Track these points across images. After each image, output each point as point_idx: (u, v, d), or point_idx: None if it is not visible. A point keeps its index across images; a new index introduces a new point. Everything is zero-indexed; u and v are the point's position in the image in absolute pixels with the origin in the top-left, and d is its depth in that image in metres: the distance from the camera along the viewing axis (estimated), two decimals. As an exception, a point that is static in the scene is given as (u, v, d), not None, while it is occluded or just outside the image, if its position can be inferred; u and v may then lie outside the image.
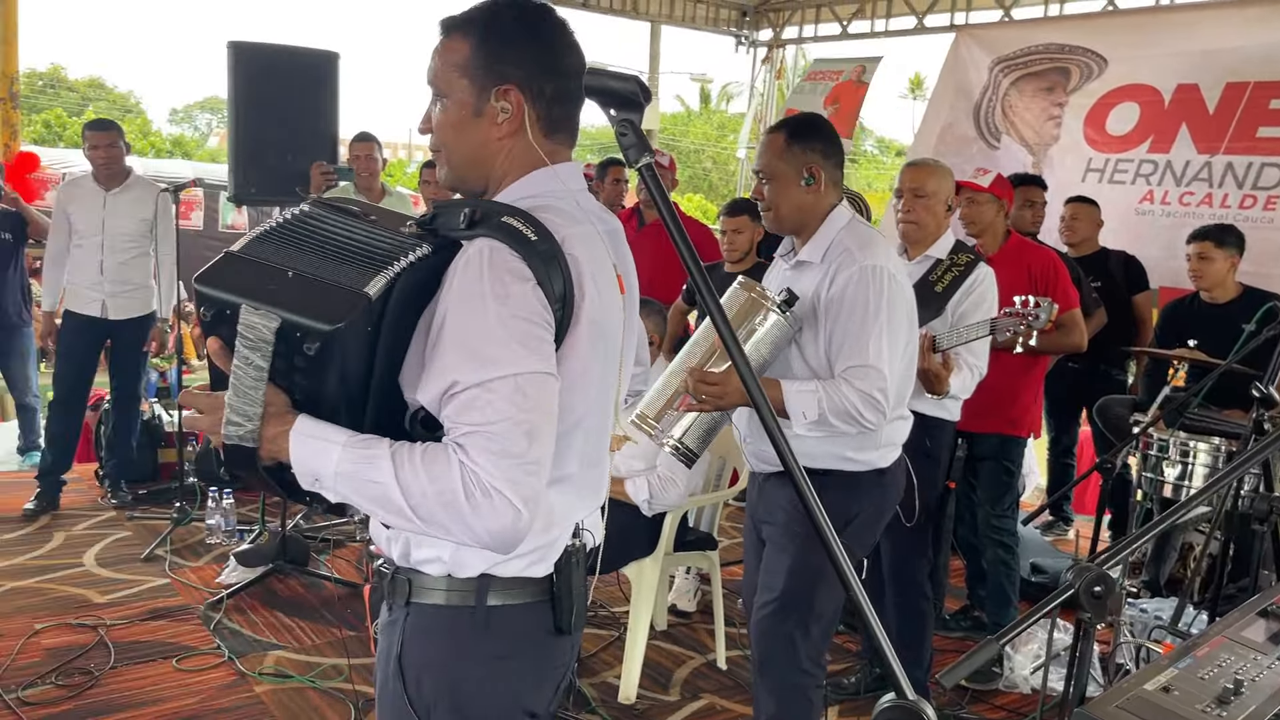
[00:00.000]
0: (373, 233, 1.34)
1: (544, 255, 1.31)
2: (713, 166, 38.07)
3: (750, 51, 10.07)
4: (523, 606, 1.44)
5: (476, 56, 1.42)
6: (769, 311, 2.36)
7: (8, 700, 3.17)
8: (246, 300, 1.26)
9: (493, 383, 1.25)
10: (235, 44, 5.03)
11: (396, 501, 1.25)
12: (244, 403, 1.27)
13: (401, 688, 1.44)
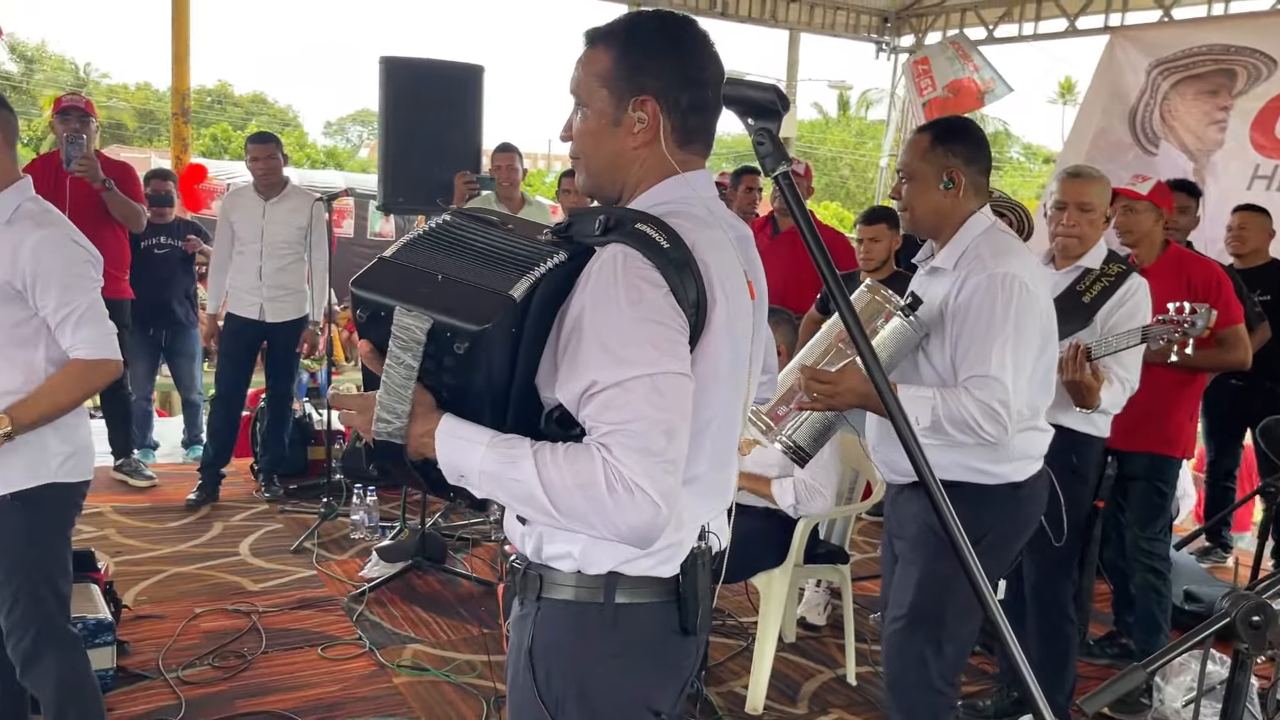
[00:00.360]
0: (513, 240, 1.39)
1: (676, 261, 1.34)
2: (850, 174, 37.52)
3: (891, 58, 9.90)
4: (649, 605, 1.47)
5: (616, 67, 1.45)
6: (891, 315, 2.32)
7: (169, 679, 3.38)
8: (400, 302, 1.32)
9: (629, 382, 1.28)
10: (387, 59, 5.24)
11: (539, 498, 1.29)
12: (394, 400, 1.33)
13: (531, 680, 1.48)
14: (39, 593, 2.38)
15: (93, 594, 3.40)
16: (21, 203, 2.35)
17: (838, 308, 1.26)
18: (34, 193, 2.41)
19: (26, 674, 2.42)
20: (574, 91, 1.51)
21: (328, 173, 19.94)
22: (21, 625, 2.37)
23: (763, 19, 9.25)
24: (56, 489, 2.38)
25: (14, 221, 2.31)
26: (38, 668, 2.40)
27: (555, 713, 1.48)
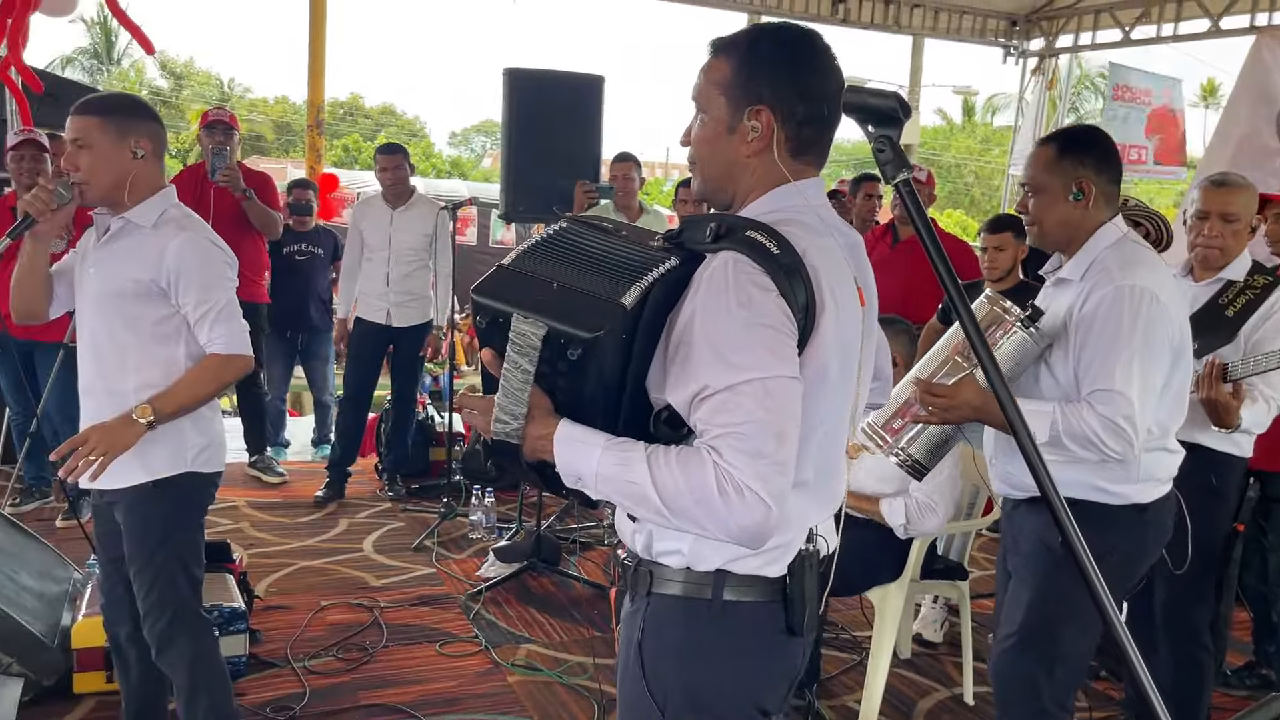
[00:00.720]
0: (625, 247, 1.43)
1: (786, 267, 1.37)
2: (975, 181, 36.57)
3: (1020, 62, 9.62)
4: (756, 604, 1.49)
5: (735, 77, 1.49)
6: (1011, 326, 2.26)
7: (296, 668, 3.52)
8: (517, 310, 1.37)
9: (740, 386, 1.31)
10: (510, 71, 5.35)
11: (652, 500, 1.33)
12: (511, 403, 1.39)
13: (640, 674, 1.52)
14: (175, 577, 2.51)
15: (228, 584, 3.57)
16: (166, 209, 2.48)
17: (959, 319, 1.24)
18: (177, 200, 2.54)
19: (161, 655, 2.55)
20: (695, 98, 1.55)
21: (452, 182, 20.49)
22: (158, 607, 2.50)
23: (885, 25, 9.11)
24: (193, 478, 2.52)
25: (159, 226, 2.45)
26: (172, 650, 2.53)
27: (663, 706, 1.51)
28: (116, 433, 2.35)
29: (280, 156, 29.33)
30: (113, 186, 2.41)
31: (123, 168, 2.41)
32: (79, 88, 5.81)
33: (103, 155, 2.39)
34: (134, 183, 2.43)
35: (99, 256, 2.48)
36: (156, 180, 2.50)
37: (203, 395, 2.47)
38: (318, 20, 8.96)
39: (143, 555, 2.50)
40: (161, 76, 36.16)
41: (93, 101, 2.46)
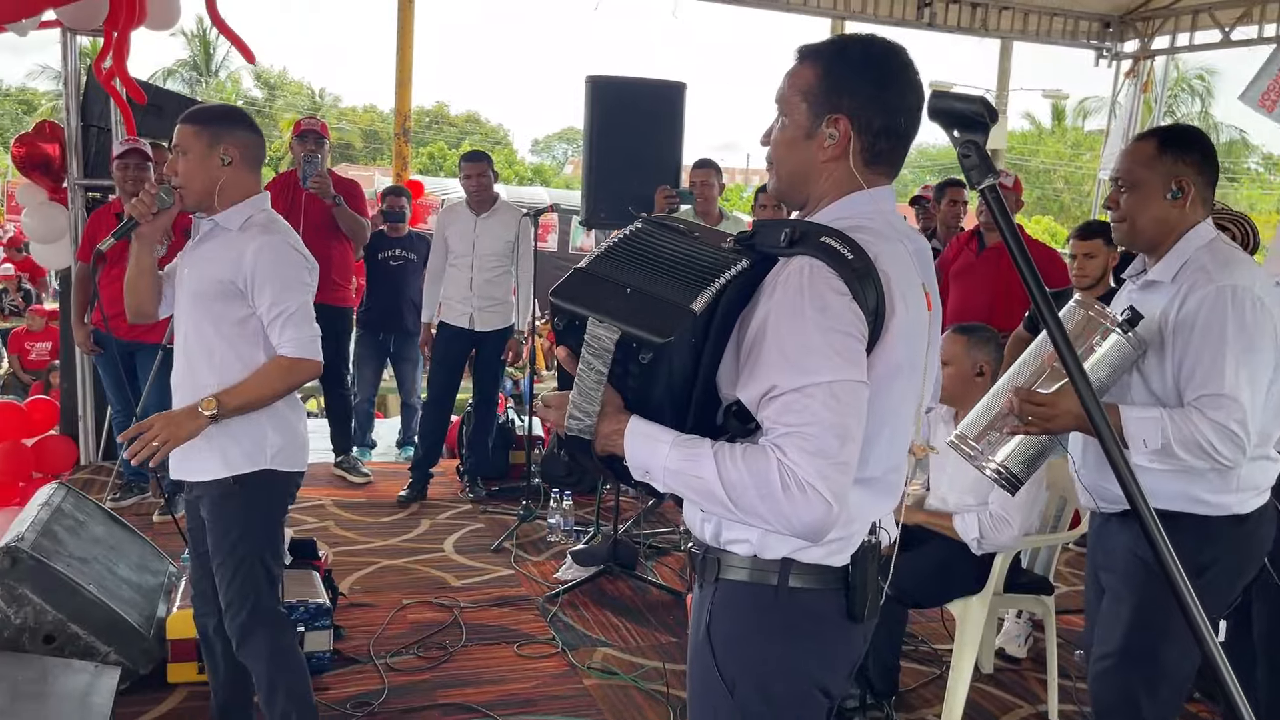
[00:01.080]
0: (697, 248, 1.49)
1: (859, 272, 1.42)
2: (1065, 187, 35.69)
3: (1113, 65, 9.37)
4: (820, 591, 1.56)
5: (818, 85, 1.54)
6: (1108, 331, 2.18)
7: (377, 664, 3.59)
8: (592, 314, 1.44)
9: (809, 388, 1.38)
10: (593, 78, 5.40)
11: (718, 494, 1.39)
12: (585, 400, 1.46)
13: (710, 657, 1.59)
14: (253, 571, 2.59)
15: (314, 580, 3.67)
16: (253, 214, 2.57)
17: (1046, 327, 1.21)
18: (268, 206, 2.62)
19: (241, 648, 2.63)
20: (777, 101, 1.61)
21: (534, 189, 20.70)
22: (237, 601, 2.59)
23: (972, 28, 8.96)
24: (271, 475, 2.59)
25: (245, 229, 2.54)
26: (250, 643, 2.61)
27: (732, 687, 1.58)
28: (179, 422, 2.46)
29: (368, 164, 30.02)
30: (204, 191, 2.52)
31: (212, 174, 2.51)
32: (180, 98, 6.04)
33: (196, 162, 2.51)
34: (223, 188, 2.53)
35: (191, 259, 2.59)
36: (248, 186, 2.58)
37: (268, 395, 2.53)
38: (405, 30, 9.15)
39: (223, 550, 2.59)
40: (256, 87, 37.30)
41: (193, 111, 2.58)
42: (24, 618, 3.14)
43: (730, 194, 27.31)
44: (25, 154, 5.60)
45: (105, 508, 4.01)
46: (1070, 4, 8.96)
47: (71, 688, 2.99)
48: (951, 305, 5.11)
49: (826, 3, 8.73)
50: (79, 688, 2.99)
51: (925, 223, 6.36)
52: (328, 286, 5.36)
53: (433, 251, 5.64)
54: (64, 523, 3.54)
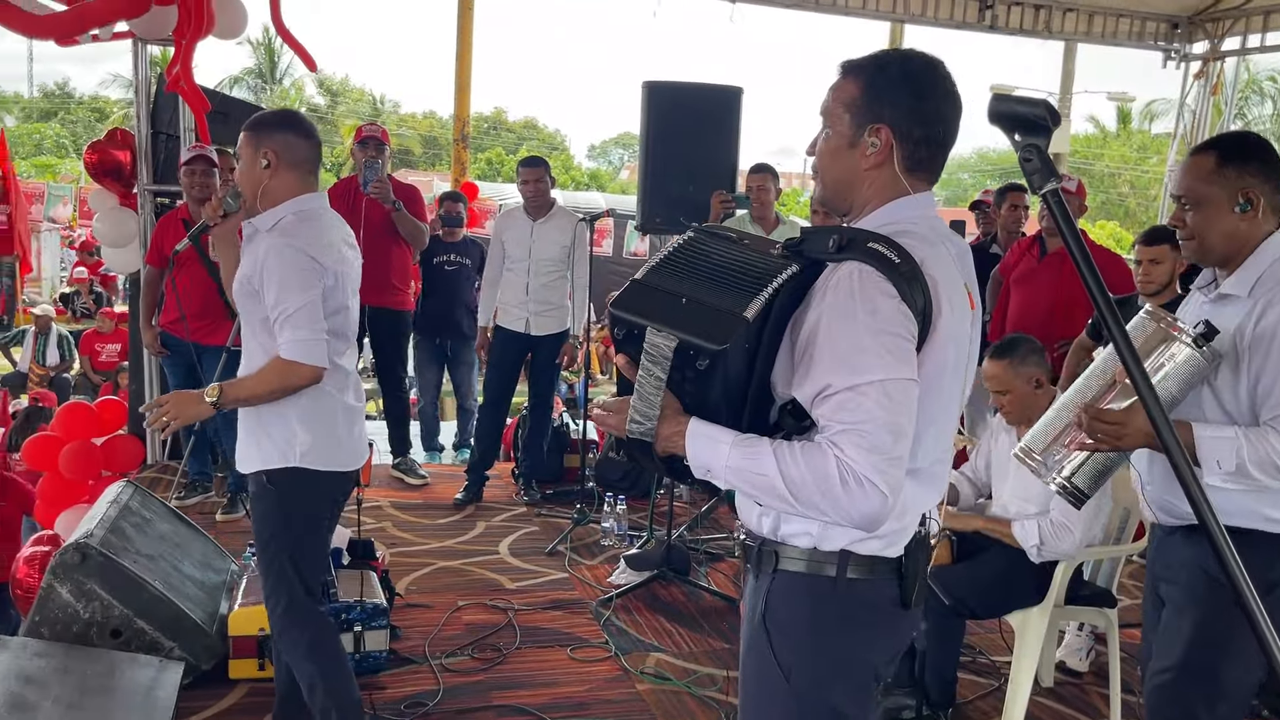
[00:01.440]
0: (748, 256, 1.57)
1: (906, 275, 1.49)
2: (1130, 191, 34.96)
3: (1181, 66, 9.17)
4: (874, 581, 1.64)
5: (860, 97, 1.63)
6: (1181, 344, 2.12)
7: (433, 665, 3.63)
8: (650, 324, 1.52)
9: (862, 387, 1.45)
10: (649, 84, 5.41)
11: (779, 489, 1.47)
12: (645, 405, 1.54)
13: (767, 645, 1.67)
14: (284, 568, 2.63)
15: (372, 581, 3.72)
16: (284, 215, 2.60)
17: (1112, 339, 1.19)
18: (307, 207, 2.62)
19: (279, 641, 2.70)
20: (822, 113, 1.69)
21: (590, 194, 20.81)
22: (274, 596, 2.65)
23: (1035, 30, 8.82)
24: (300, 473, 2.61)
25: (273, 230, 2.59)
26: (287, 637, 2.67)
27: (789, 674, 1.65)
28: (186, 403, 2.56)
29: (427, 169, 30.39)
30: (251, 195, 2.61)
31: (256, 177, 2.59)
32: (245, 105, 6.17)
33: (245, 167, 2.60)
34: (265, 191, 2.59)
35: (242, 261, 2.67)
36: (290, 188, 2.61)
37: (263, 393, 2.54)
38: (464, 37, 9.26)
39: (260, 544, 2.69)
40: (319, 94, 37.97)
41: (249, 119, 2.67)
42: (92, 612, 3.23)
43: (787, 199, 27.16)
44: (97, 161, 5.76)
45: (170, 506, 4.10)
46: (1137, 4, 8.78)
47: (137, 682, 3.06)
48: (1013, 311, 5.03)
49: (885, 6, 8.66)
50: (144, 682, 3.07)
51: (985, 227, 6.27)
52: (387, 290, 5.45)
53: (490, 256, 5.68)
54: (131, 520, 3.63)
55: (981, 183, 30.94)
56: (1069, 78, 10.45)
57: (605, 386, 12.45)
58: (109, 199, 5.81)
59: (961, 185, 36.44)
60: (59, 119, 36.31)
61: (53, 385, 10.27)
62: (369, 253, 5.41)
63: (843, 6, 8.66)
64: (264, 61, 34.43)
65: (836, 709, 1.67)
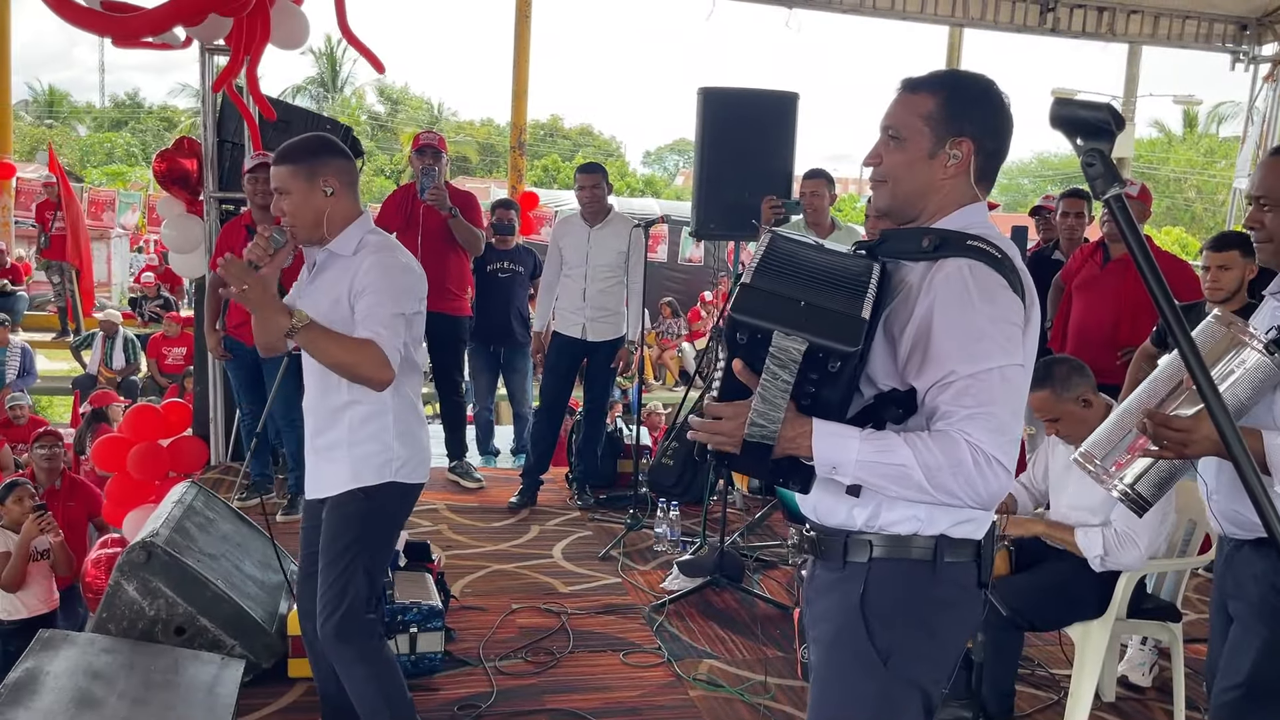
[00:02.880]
0: (835, 258, 1.66)
1: (1009, 268, 1.62)
2: (1196, 196, 34.17)
3: (1250, 69, 8.95)
4: (962, 563, 1.73)
5: (940, 111, 1.71)
6: (1250, 350, 2.07)
7: (487, 667, 3.66)
8: (779, 328, 1.54)
9: (983, 374, 1.57)
10: (705, 89, 5.40)
11: (915, 477, 1.57)
12: (769, 408, 1.57)
13: (863, 632, 1.72)
14: (356, 578, 2.64)
15: (427, 583, 3.76)
16: (363, 235, 2.64)
17: (1178, 345, 1.17)
18: (373, 226, 2.69)
19: (335, 651, 2.67)
20: (890, 124, 1.76)
21: (645, 200, 20.82)
22: (334, 603, 2.63)
23: (1098, 33, 8.67)
24: (395, 488, 2.66)
25: (358, 251, 2.62)
26: (338, 645, 2.66)
27: (886, 659, 1.71)
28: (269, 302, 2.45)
29: (484, 176, 30.68)
30: (313, 225, 2.59)
31: (317, 206, 2.58)
32: (306, 114, 6.28)
33: (300, 199, 2.57)
34: (330, 218, 2.60)
35: (310, 290, 2.67)
36: (351, 210, 2.64)
37: (335, 356, 2.49)
38: (521, 46, 9.34)
39: (334, 550, 2.65)
40: (379, 102, 38.56)
41: (284, 151, 2.62)
42: (157, 610, 3.31)
43: (843, 204, 26.98)
44: (166, 169, 5.92)
45: (233, 506, 4.19)
46: (1204, 6, 8.59)
47: (200, 679, 3.13)
48: (1075, 318, 4.94)
49: (945, 10, 8.57)
50: (206, 679, 3.13)
51: (1046, 234, 6.16)
52: (444, 296, 5.50)
53: (548, 262, 5.72)
54: (195, 520, 3.71)
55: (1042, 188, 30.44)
56: (1133, 81, 10.27)
57: (659, 392, 12.46)
58: (176, 206, 5.96)
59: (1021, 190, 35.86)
60: (129, 128, 37.29)
61: (120, 388, 10.55)
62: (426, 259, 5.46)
63: (901, 10, 8.59)
64: (326, 70, 35.05)
65: (925, 690, 1.75)
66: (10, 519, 4.62)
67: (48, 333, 12.91)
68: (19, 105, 30.29)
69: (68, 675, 2.92)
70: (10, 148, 11.83)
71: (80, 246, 12.48)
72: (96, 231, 15.84)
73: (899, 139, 1.74)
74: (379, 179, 30.34)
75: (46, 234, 12.58)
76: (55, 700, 2.79)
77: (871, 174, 1.80)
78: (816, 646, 1.83)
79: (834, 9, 8.53)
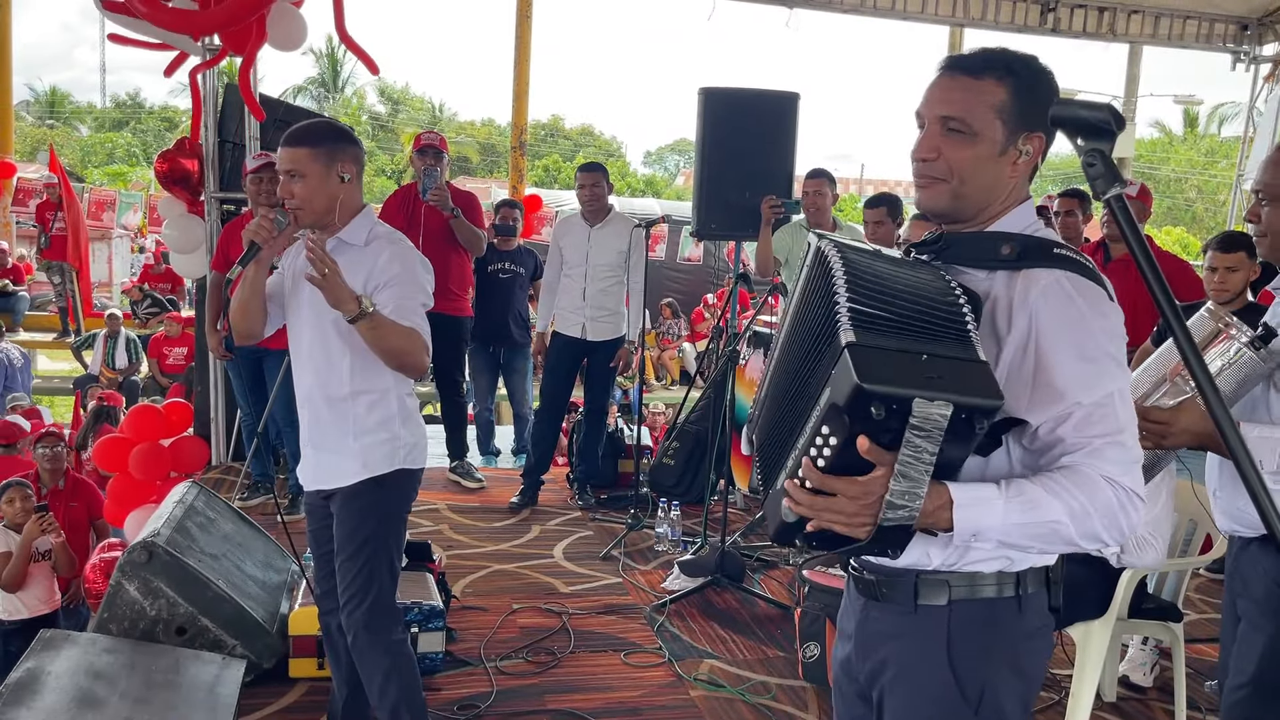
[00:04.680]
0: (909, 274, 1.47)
1: (1099, 276, 1.47)
2: (1197, 196, 34.16)
3: (1251, 69, 8.95)
4: (1040, 592, 1.60)
5: (1014, 102, 1.51)
6: (1234, 343, 2.08)
7: (487, 667, 3.66)
8: (920, 393, 1.30)
9: (1107, 399, 1.43)
10: (706, 90, 5.41)
11: (1065, 532, 1.41)
12: (912, 486, 1.34)
13: (951, 677, 1.56)
14: (379, 566, 2.67)
15: (428, 583, 3.76)
16: (373, 227, 2.66)
17: (1177, 343, 1.17)
18: (387, 227, 2.72)
19: (356, 640, 2.70)
20: (953, 115, 1.52)
21: (646, 200, 20.81)
22: (360, 595, 2.66)
23: (1099, 33, 8.67)
24: (402, 474, 2.69)
25: (370, 242, 2.63)
26: (367, 636, 2.68)
27: (978, 705, 1.57)
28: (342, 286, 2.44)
29: (485, 177, 30.67)
30: (325, 210, 2.59)
31: (332, 192, 2.58)
32: (307, 114, 6.29)
33: (315, 182, 2.55)
34: (342, 205, 2.61)
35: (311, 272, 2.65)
36: (358, 200, 2.67)
37: (392, 344, 2.52)
38: (523, 46, 9.34)
39: (353, 544, 2.67)
40: (380, 102, 38.55)
41: (299, 133, 2.59)
42: (158, 610, 3.31)
43: (844, 204, 26.96)
44: (167, 170, 5.92)
45: (234, 506, 4.19)
46: (1205, 6, 8.59)
47: (201, 678, 3.13)
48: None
49: (945, 10, 8.58)
50: (207, 679, 3.13)
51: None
52: (445, 296, 5.49)
53: (548, 262, 5.72)
54: (196, 520, 3.71)
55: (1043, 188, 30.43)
56: (1134, 81, 10.27)
57: (659, 392, 12.45)
58: (177, 206, 5.96)
59: (1022, 190, 35.63)
60: (130, 128, 37.31)
61: (122, 388, 10.55)
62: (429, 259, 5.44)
63: (901, 11, 8.59)
64: (327, 71, 35.06)
65: None
66: (10, 518, 4.62)
67: (48, 333, 12.91)
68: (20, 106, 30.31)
69: (69, 675, 2.92)
70: (11, 148, 11.83)
71: (80, 247, 12.49)
72: (97, 232, 15.84)
73: (967, 132, 1.51)
74: (380, 179, 30.33)
75: (47, 234, 12.59)
76: (57, 700, 2.79)
77: (920, 170, 1.57)
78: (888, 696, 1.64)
79: (834, 9, 8.54)
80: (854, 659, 1.70)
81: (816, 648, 3.54)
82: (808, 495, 1.40)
